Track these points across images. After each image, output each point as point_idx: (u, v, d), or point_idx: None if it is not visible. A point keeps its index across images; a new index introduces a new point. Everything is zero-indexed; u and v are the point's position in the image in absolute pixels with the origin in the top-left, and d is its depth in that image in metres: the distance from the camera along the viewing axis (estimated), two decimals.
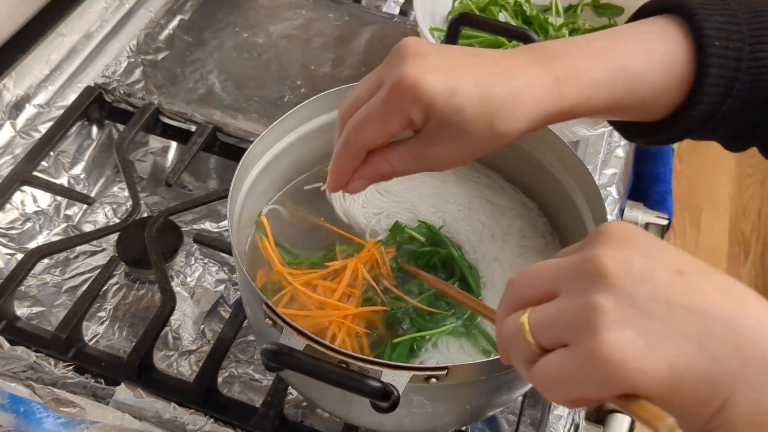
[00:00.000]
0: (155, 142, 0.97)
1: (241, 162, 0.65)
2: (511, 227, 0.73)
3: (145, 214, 0.91)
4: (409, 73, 0.48)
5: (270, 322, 0.54)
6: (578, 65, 0.50)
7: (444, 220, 0.73)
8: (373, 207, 0.74)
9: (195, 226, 0.91)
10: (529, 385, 0.66)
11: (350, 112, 0.52)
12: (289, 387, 0.72)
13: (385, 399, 0.48)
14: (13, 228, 0.87)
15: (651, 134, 0.56)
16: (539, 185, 0.74)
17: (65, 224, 0.90)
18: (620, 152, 0.96)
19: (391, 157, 0.51)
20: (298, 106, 0.69)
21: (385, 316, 0.65)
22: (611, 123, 0.60)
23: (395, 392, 0.48)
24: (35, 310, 0.82)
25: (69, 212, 0.91)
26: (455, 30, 0.74)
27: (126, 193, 0.92)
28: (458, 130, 0.48)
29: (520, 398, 0.73)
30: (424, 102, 0.47)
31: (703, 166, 2.30)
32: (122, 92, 0.96)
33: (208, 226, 0.91)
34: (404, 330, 0.64)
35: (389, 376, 0.50)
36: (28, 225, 0.88)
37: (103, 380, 0.72)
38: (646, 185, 1.02)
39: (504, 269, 0.70)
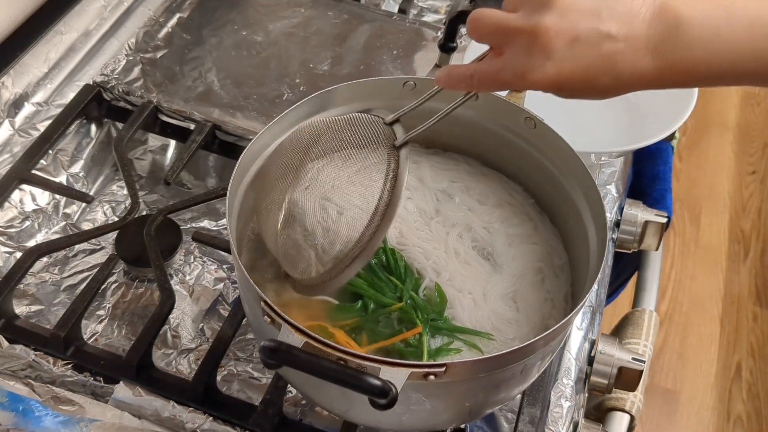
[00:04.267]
0: (154, 140, 0.97)
1: (239, 160, 0.64)
2: (492, 216, 0.73)
3: (144, 213, 0.91)
4: (523, 68, 0.54)
5: (268, 319, 0.54)
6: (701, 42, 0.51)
7: (401, 231, 0.71)
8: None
9: (194, 225, 0.91)
10: (529, 383, 0.66)
11: None
12: (288, 385, 0.72)
13: (383, 396, 0.48)
14: (11, 226, 0.87)
15: None
16: (538, 183, 0.74)
17: (64, 222, 0.90)
18: None
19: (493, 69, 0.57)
20: (297, 104, 0.69)
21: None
22: None
23: (393, 389, 0.48)
24: (34, 308, 0.82)
25: (68, 210, 0.91)
26: (453, 28, 0.74)
27: (125, 192, 0.92)
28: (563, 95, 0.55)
29: (519, 396, 0.73)
30: (530, 88, 0.55)
31: (702, 165, 2.30)
32: (121, 90, 0.96)
33: (206, 224, 0.91)
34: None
35: (388, 373, 0.50)
36: (27, 223, 0.88)
37: (102, 378, 0.72)
38: (645, 183, 1.02)
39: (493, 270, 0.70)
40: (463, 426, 0.71)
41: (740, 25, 0.50)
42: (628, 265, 1.06)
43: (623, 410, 0.82)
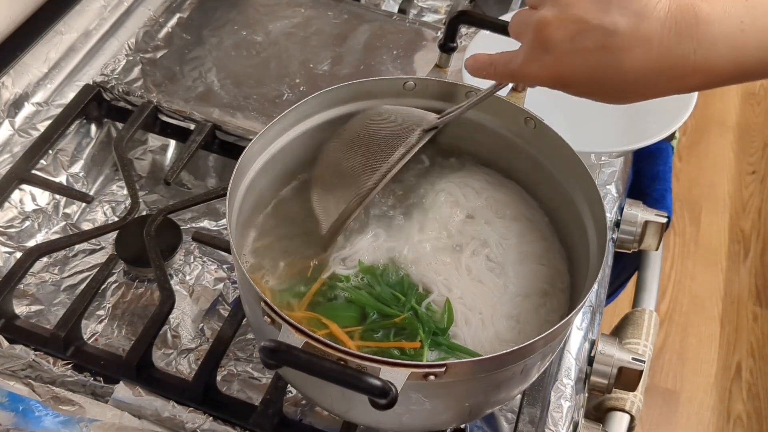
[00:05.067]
0: (154, 140, 0.97)
1: (239, 160, 0.64)
2: (509, 230, 0.72)
3: (144, 213, 0.91)
4: (526, 69, 0.54)
5: (268, 319, 0.54)
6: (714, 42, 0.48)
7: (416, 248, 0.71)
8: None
9: (194, 225, 0.91)
10: (529, 383, 0.66)
11: None
12: (288, 385, 0.72)
13: (383, 396, 0.48)
14: (11, 226, 0.87)
15: None
16: (538, 183, 0.74)
17: (64, 222, 0.90)
18: None
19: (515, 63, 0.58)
20: (297, 104, 0.69)
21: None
22: None
23: (393, 389, 0.48)
24: (34, 308, 0.82)
25: (68, 210, 0.91)
26: (453, 28, 0.74)
27: (125, 192, 0.92)
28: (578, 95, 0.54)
29: (519, 396, 0.73)
30: (539, 84, 0.55)
31: (702, 164, 2.30)
32: (121, 90, 0.96)
33: (206, 224, 0.91)
34: None
35: (388, 374, 0.50)
36: (27, 223, 0.88)
37: (102, 378, 0.72)
38: (645, 183, 1.02)
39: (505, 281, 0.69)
40: (463, 426, 0.71)
41: (764, 16, 0.47)
42: (628, 265, 1.06)
43: (623, 410, 0.82)
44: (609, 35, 0.49)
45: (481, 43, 0.97)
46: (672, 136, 0.94)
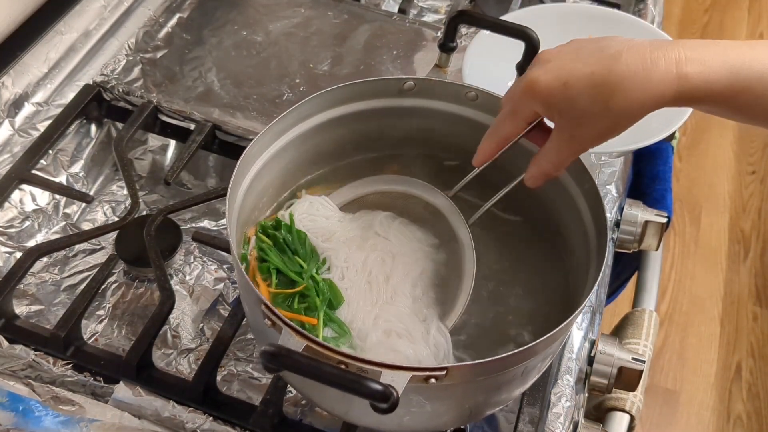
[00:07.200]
0: (154, 140, 0.97)
1: (239, 160, 0.64)
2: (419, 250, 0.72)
3: (144, 213, 0.91)
4: (530, 76, 0.57)
5: (269, 322, 0.54)
6: (702, 51, 0.53)
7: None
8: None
9: (194, 225, 0.91)
10: (529, 384, 0.66)
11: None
12: (288, 385, 0.72)
13: (384, 400, 0.48)
14: (11, 226, 0.87)
15: None
16: None
17: (64, 222, 0.90)
18: None
19: (546, 155, 0.60)
20: (297, 105, 0.69)
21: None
22: None
23: (395, 393, 0.48)
24: (34, 308, 0.82)
25: (68, 210, 0.91)
26: (453, 27, 0.74)
27: (125, 192, 0.92)
28: (579, 116, 0.55)
29: (519, 396, 0.73)
30: (541, 97, 0.56)
31: (702, 164, 2.30)
32: (121, 90, 0.96)
33: (206, 224, 0.91)
34: None
35: (388, 377, 0.50)
36: (27, 223, 0.88)
37: (102, 378, 0.72)
38: (645, 183, 1.02)
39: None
40: (463, 427, 0.71)
41: (736, 62, 0.52)
42: (628, 265, 1.06)
43: (623, 410, 0.82)
44: (603, 48, 0.54)
45: (481, 43, 0.97)
46: (672, 136, 0.94)
